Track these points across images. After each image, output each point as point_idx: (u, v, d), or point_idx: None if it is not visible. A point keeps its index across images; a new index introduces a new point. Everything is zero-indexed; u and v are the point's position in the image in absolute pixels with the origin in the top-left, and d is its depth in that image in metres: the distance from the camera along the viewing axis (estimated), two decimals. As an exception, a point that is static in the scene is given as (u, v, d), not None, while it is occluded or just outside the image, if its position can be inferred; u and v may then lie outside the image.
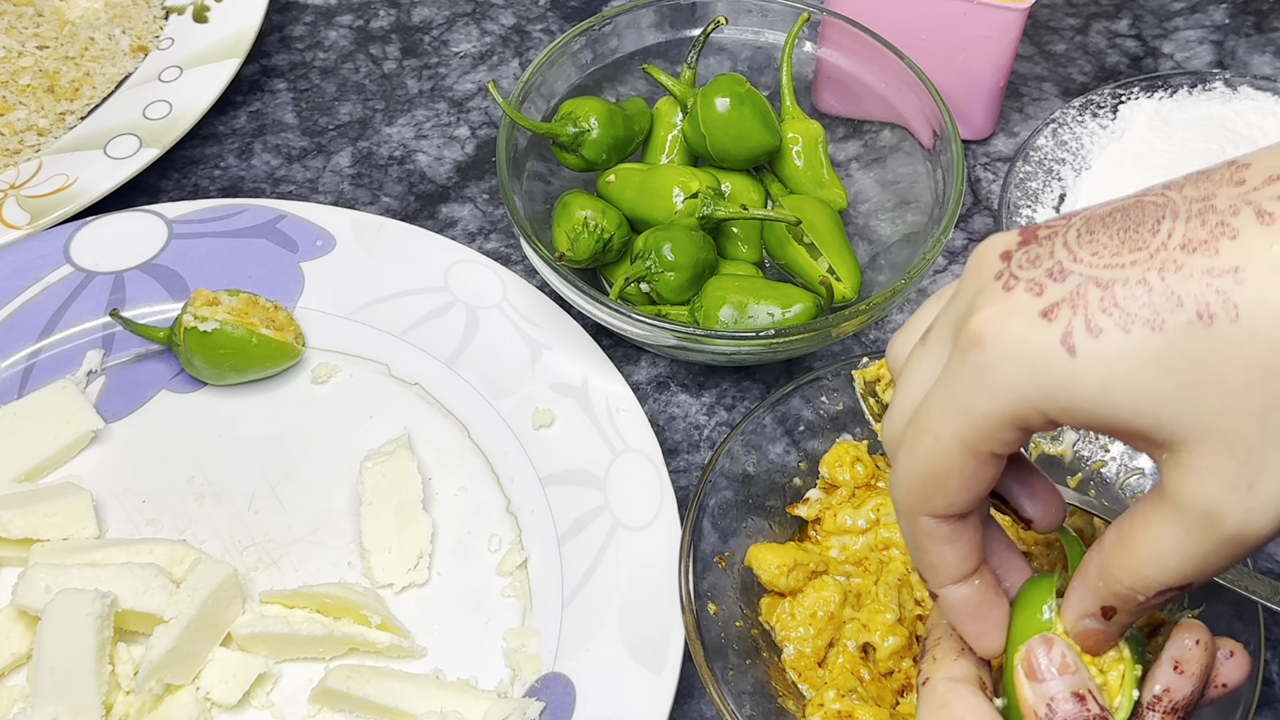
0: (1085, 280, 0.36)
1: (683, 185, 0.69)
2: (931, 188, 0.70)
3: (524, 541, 0.64)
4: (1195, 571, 0.37)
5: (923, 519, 0.41)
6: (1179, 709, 0.41)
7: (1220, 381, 0.34)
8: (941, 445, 0.39)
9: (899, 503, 0.42)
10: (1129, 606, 0.39)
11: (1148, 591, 0.38)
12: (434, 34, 0.90)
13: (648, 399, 0.71)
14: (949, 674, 0.44)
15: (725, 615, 0.57)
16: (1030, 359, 0.36)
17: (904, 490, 0.41)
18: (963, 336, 0.38)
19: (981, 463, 0.39)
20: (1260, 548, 0.36)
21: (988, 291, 0.38)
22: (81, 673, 0.55)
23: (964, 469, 0.39)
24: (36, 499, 0.62)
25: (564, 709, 0.57)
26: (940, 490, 0.40)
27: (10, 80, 0.81)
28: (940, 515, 0.41)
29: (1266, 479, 0.34)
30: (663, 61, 0.76)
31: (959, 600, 0.43)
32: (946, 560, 0.42)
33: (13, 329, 0.69)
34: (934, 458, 0.39)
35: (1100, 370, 0.35)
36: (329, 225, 0.74)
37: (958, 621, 0.43)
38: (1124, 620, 0.40)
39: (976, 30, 0.75)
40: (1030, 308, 0.36)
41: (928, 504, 0.40)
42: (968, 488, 0.40)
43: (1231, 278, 0.34)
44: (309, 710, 0.58)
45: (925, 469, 0.40)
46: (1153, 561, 0.37)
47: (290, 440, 0.68)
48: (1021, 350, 0.36)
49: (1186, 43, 0.90)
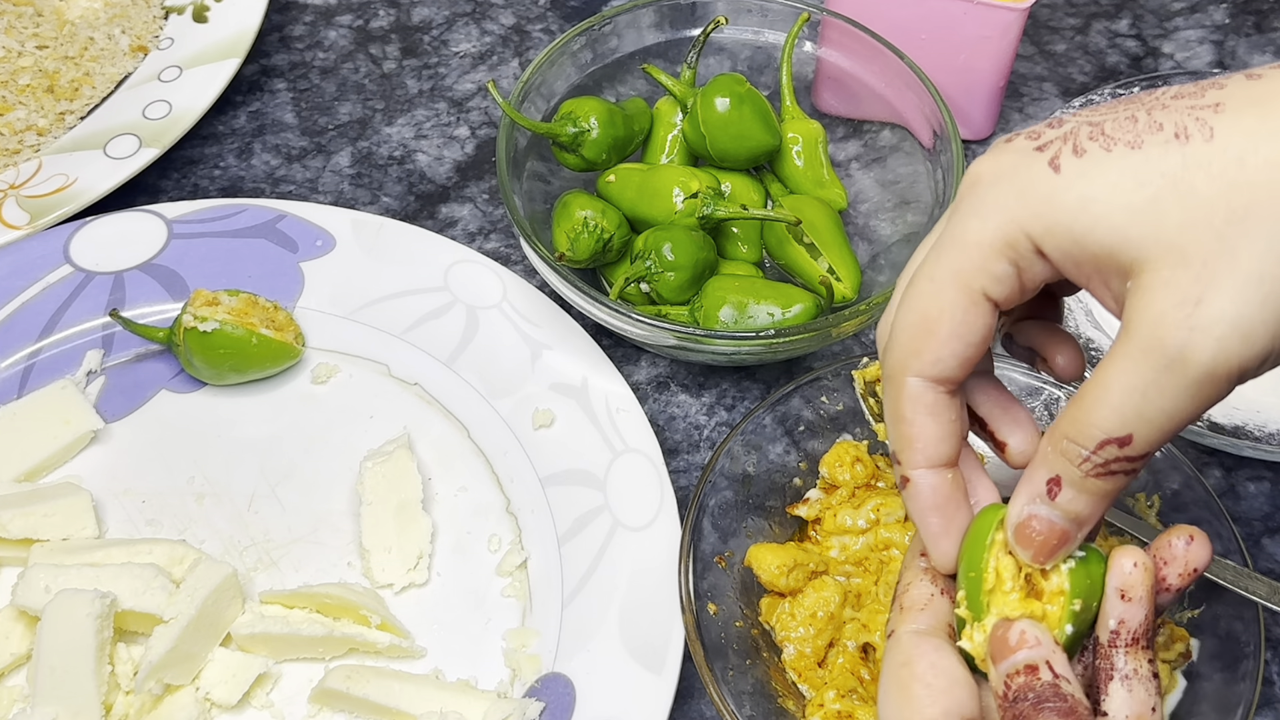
0: (1080, 123, 0.38)
1: (683, 185, 0.69)
2: (931, 188, 0.70)
3: (524, 541, 0.64)
4: (1136, 410, 0.36)
5: (910, 380, 0.40)
6: (1139, 637, 0.39)
7: (1187, 194, 0.35)
8: (935, 284, 0.39)
9: (889, 367, 0.41)
10: (1071, 475, 0.38)
11: (1089, 441, 0.37)
12: (434, 34, 0.90)
13: (648, 399, 0.71)
14: (914, 625, 0.42)
15: (725, 615, 0.57)
16: (1018, 181, 0.38)
17: (895, 345, 0.40)
18: (962, 185, 0.40)
19: (974, 304, 0.39)
20: (1209, 392, 0.35)
21: (990, 151, 0.40)
22: (81, 673, 0.55)
23: (955, 308, 0.39)
24: (36, 499, 0.62)
25: (564, 709, 0.57)
26: (932, 337, 0.40)
27: (10, 80, 0.81)
28: (929, 376, 0.40)
29: (1214, 295, 0.34)
30: (663, 61, 0.76)
31: (929, 488, 0.42)
32: (927, 433, 0.41)
33: (12, 329, 0.69)
34: (927, 299, 0.39)
35: (1080, 184, 0.37)
36: (329, 225, 0.74)
37: (922, 514, 0.42)
38: (1069, 503, 0.38)
39: (976, 30, 0.75)
40: (1025, 148, 0.39)
41: (917, 358, 0.40)
42: (959, 335, 0.39)
43: (1211, 111, 0.36)
44: (309, 710, 0.58)
45: (918, 315, 0.40)
46: (1095, 402, 0.36)
47: (290, 440, 0.68)
48: (1012, 176, 0.38)
49: (1187, 42, 0.90)
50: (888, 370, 0.41)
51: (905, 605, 0.43)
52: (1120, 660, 0.39)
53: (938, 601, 0.42)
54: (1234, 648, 0.55)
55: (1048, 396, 0.62)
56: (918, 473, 0.42)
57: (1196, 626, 0.57)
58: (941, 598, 0.43)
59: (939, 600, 0.42)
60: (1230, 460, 0.68)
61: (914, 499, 0.42)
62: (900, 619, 0.42)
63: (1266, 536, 0.66)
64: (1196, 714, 0.54)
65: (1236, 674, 0.54)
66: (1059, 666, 0.38)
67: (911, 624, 0.42)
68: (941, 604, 0.42)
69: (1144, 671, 0.39)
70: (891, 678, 0.41)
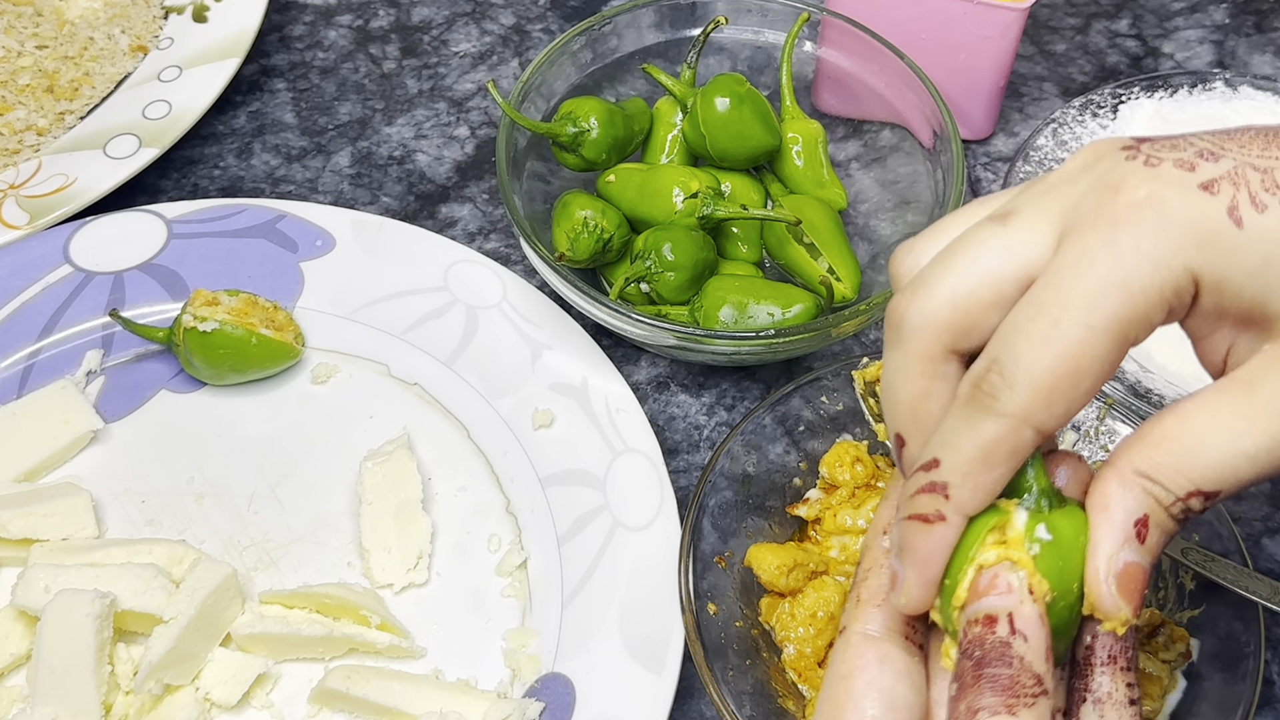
0: (1241, 164, 0.35)
1: (683, 185, 0.69)
2: (931, 188, 0.70)
3: (524, 541, 0.64)
4: (1234, 471, 0.33)
5: (1028, 432, 0.34)
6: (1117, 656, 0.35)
7: None
8: (1093, 334, 0.34)
9: (1008, 404, 0.34)
10: (1160, 517, 0.34)
11: (1179, 488, 0.34)
12: (434, 34, 0.90)
13: (648, 399, 0.71)
14: (867, 626, 0.37)
15: (725, 615, 0.57)
16: (1197, 228, 0.34)
17: (1022, 386, 0.34)
18: (1112, 208, 0.35)
19: (1121, 355, 0.34)
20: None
21: (1123, 169, 0.35)
22: (81, 673, 0.55)
23: (1108, 363, 0.34)
24: (36, 499, 0.62)
25: (564, 709, 0.57)
26: (1075, 391, 0.34)
27: (10, 80, 0.81)
28: (1047, 430, 0.35)
29: None
30: (663, 61, 0.76)
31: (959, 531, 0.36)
32: (995, 481, 0.35)
33: (12, 329, 0.69)
34: (1080, 347, 0.34)
35: (1264, 246, 0.34)
36: (329, 225, 0.74)
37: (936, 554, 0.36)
38: (1154, 547, 0.34)
39: (976, 30, 0.75)
40: (1186, 181, 0.35)
41: (1049, 410, 0.34)
42: (1097, 388, 0.35)
43: None
44: (309, 710, 0.58)
45: (1065, 363, 0.34)
46: (1194, 451, 0.34)
47: (290, 440, 0.68)
48: (1187, 219, 0.34)
49: (1187, 42, 0.90)
50: (996, 404, 0.35)
51: (863, 597, 0.38)
52: (1095, 681, 0.35)
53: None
54: (1234, 648, 0.55)
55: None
56: (961, 519, 0.35)
57: (1196, 626, 0.57)
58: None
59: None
60: (1230, 460, 0.68)
61: (937, 541, 0.36)
62: (855, 614, 0.38)
63: (1266, 536, 0.66)
64: (1196, 714, 0.54)
65: (1236, 674, 0.54)
66: (1021, 621, 0.34)
67: (865, 623, 0.38)
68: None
69: (1119, 696, 0.35)
70: (829, 690, 0.37)
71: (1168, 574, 0.58)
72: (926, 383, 0.37)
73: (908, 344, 0.37)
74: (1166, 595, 0.58)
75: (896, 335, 0.37)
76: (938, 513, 0.35)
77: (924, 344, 0.37)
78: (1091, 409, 0.61)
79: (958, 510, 0.35)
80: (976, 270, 0.36)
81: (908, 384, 0.37)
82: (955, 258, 0.37)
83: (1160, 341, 0.45)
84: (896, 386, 0.38)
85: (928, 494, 0.35)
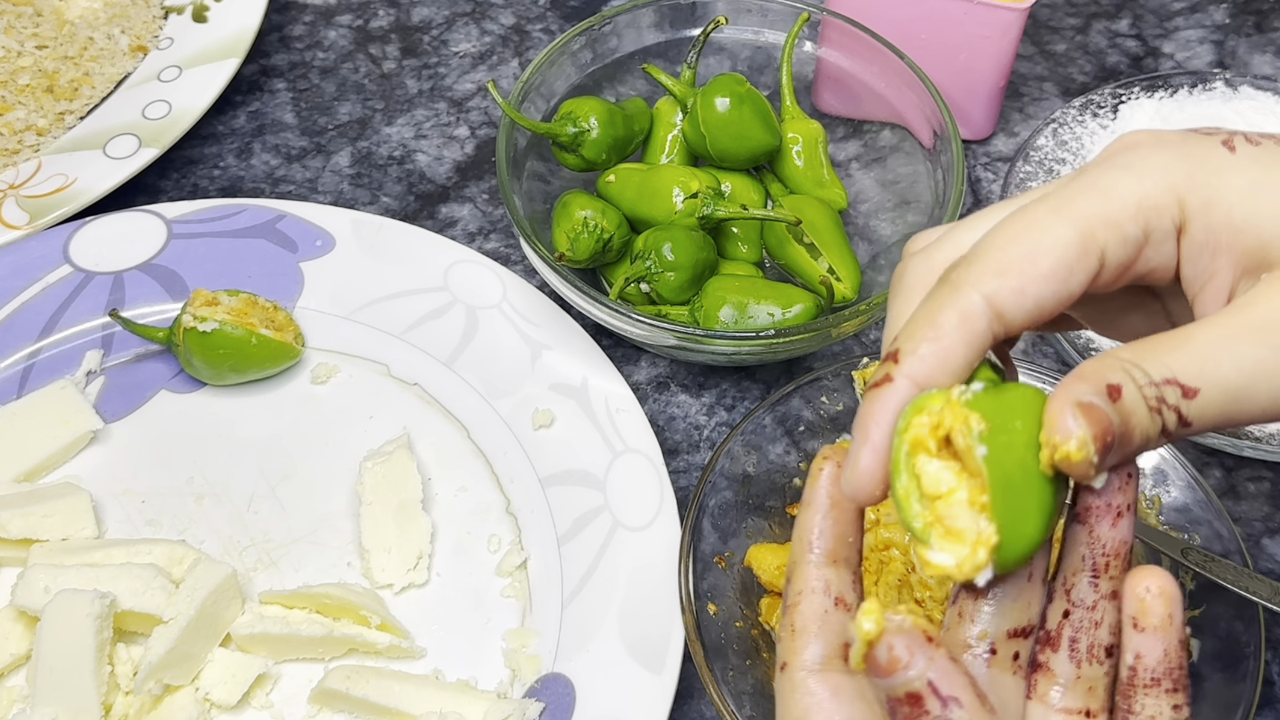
0: (1240, 129, 0.37)
1: (683, 185, 0.69)
2: (932, 188, 0.70)
3: (524, 542, 0.64)
4: (1217, 368, 0.33)
5: (974, 295, 0.34)
6: (1161, 678, 0.34)
7: None
8: (1058, 218, 0.34)
9: (956, 274, 0.35)
10: (1133, 392, 0.33)
11: (1155, 371, 0.33)
12: (434, 34, 0.90)
13: (648, 399, 0.71)
14: (808, 658, 0.36)
15: (725, 615, 0.57)
16: (1189, 150, 0.36)
17: (979, 257, 0.35)
18: (1113, 145, 0.37)
19: (1086, 254, 0.34)
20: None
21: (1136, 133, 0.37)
22: (81, 673, 0.55)
23: (1068, 251, 0.34)
24: (36, 499, 0.62)
25: (564, 709, 0.57)
26: (1031, 265, 0.34)
27: (9, 80, 0.81)
28: (997, 305, 0.34)
29: None
30: (663, 61, 0.76)
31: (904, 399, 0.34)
32: (952, 354, 0.34)
33: (12, 329, 0.69)
34: (1041, 228, 0.34)
35: (1255, 169, 0.35)
36: (328, 225, 0.74)
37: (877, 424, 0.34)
38: (1128, 415, 0.32)
39: (977, 30, 0.75)
40: (1187, 133, 0.37)
41: (1000, 278, 0.34)
42: (1056, 279, 0.34)
43: None
44: (308, 711, 0.58)
45: (1024, 240, 0.34)
46: (1175, 345, 0.33)
47: (290, 440, 0.68)
48: (1181, 147, 0.36)
49: (1187, 42, 0.90)
50: (951, 276, 0.35)
51: (797, 627, 0.37)
52: (1138, 703, 0.34)
53: (832, 618, 0.37)
54: (1234, 648, 0.55)
55: None
56: (907, 380, 0.34)
57: (1197, 626, 0.57)
58: (836, 611, 0.37)
59: (833, 616, 0.37)
60: (1230, 460, 0.68)
61: (883, 403, 0.34)
62: (792, 648, 0.37)
63: (1266, 536, 0.66)
64: (1196, 714, 0.54)
65: (1236, 674, 0.54)
66: (943, 684, 0.32)
67: (803, 656, 0.36)
68: (835, 620, 0.37)
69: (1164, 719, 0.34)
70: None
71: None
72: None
73: (909, 290, 0.37)
74: (1167, 595, 0.58)
75: (899, 285, 0.38)
76: (886, 375, 0.34)
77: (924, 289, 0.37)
78: None
79: (904, 373, 0.34)
80: (982, 228, 0.37)
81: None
82: (964, 222, 0.38)
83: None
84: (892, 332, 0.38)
85: (883, 364, 0.35)
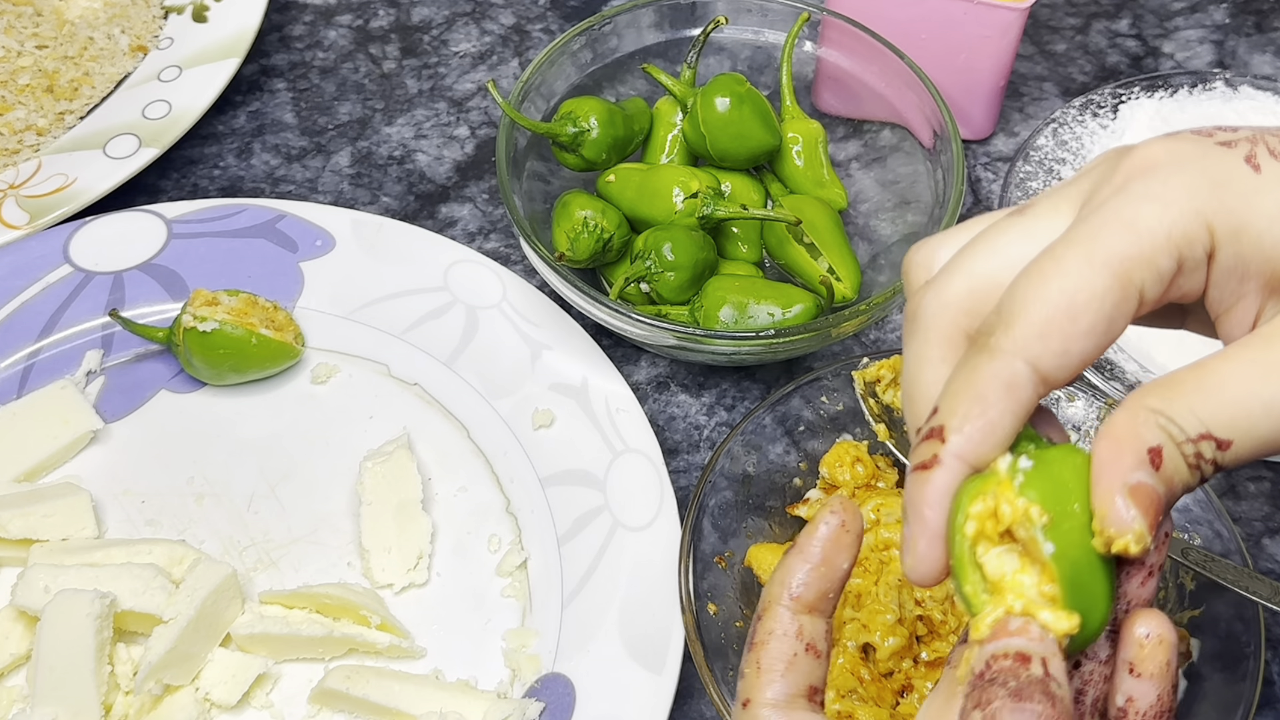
0: (1259, 131, 0.35)
1: (683, 185, 0.69)
2: (932, 188, 0.70)
3: (524, 542, 0.64)
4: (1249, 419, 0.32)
5: (1020, 365, 0.33)
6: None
7: None
8: (1091, 268, 0.32)
9: (1002, 341, 0.33)
10: (1172, 453, 0.32)
11: (1189, 427, 0.32)
12: (433, 34, 0.90)
13: (648, 399, 0.71)
14: (770, 697, 0.36)
15: (725, 615, 0.57)
16: (1212, 173, 0.33)
17: (1021, 320, 0.33)
18: (1126, 164, 0.34)
19: (1126, 300, 0.33)
20: None
21: (1143, 141, 0.35)
22: (81, 673, 0.55)
23: (1108, 301, 0.32)
24: (36, 499, 0.62)
25: (564, 709, 0.57)
26: (1072, 325, 0.32)
27: (9, 80, 0.81)
28: (1043, 368, 0.33)
29: None
30: (663, 61, 0.76)
31: (956, 480, 0.33)
32: (1001, 428, 0.33)
33: (12, 329, 0.69)
34: (1077, 280, 0.32)
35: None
36: (328, 225, 0.74)
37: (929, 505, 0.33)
38: (1170, 480, 0.32)
39: (977, 30, 0.75)
40: (1203, 143, 0.34)
41: (1043, 342, 0.32)
42: (1099, 332, 0.33)
43: None
44: (308, 711, 0.58)
45: (1062, 296, 0.32)
46: (1207, 392, 0.32)
47: (290, 440, 0.68)
48: (1202, 166, 0.33)
49: (1187, 42, 0.90)
50: (990, 343, 0.33)
51: (763, 666, 0.37)
52: None
53: (801, 662, 0.37)
54: (1234, 648, 0.55)
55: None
56: (957, 460, 0.33)
57: (1196, 626, 0.57)
58: (806, 656, 0.37)
59: (802, 660, 0.37)
60: (1230, 460, 0.68)
61: (934, 486, 0.33)
62: (755, 684, 0.37)
63: (1266, 536, 0.66)
64: (1197, 714, 0.54)
65: (1236, 674, 0.54)
66: (1054, 669, 0.31)
67: (767, 692, 0.37)
68: (804, 664, 0.37)
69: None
70: None
71: (1168, 574, 0.58)
72: (946, 370, 0.35)
73: (926, 330, 0.36)
74: (1167, 595, 0.58)
75: (914, 325, 0.36)
76: (934, 457, 0.33)
77: (942, 328, 0.35)
78: (1091, 409, 0.61)
79: (954, 453, 0.33)
80: (995, 255, 0.35)
81: (926, 372, 0.36)
82: (974, 247, 0.36)
83: (1161, 342, 0.44)
84: (916, 377, 0.36)
85: (926, 441, 0.33)
